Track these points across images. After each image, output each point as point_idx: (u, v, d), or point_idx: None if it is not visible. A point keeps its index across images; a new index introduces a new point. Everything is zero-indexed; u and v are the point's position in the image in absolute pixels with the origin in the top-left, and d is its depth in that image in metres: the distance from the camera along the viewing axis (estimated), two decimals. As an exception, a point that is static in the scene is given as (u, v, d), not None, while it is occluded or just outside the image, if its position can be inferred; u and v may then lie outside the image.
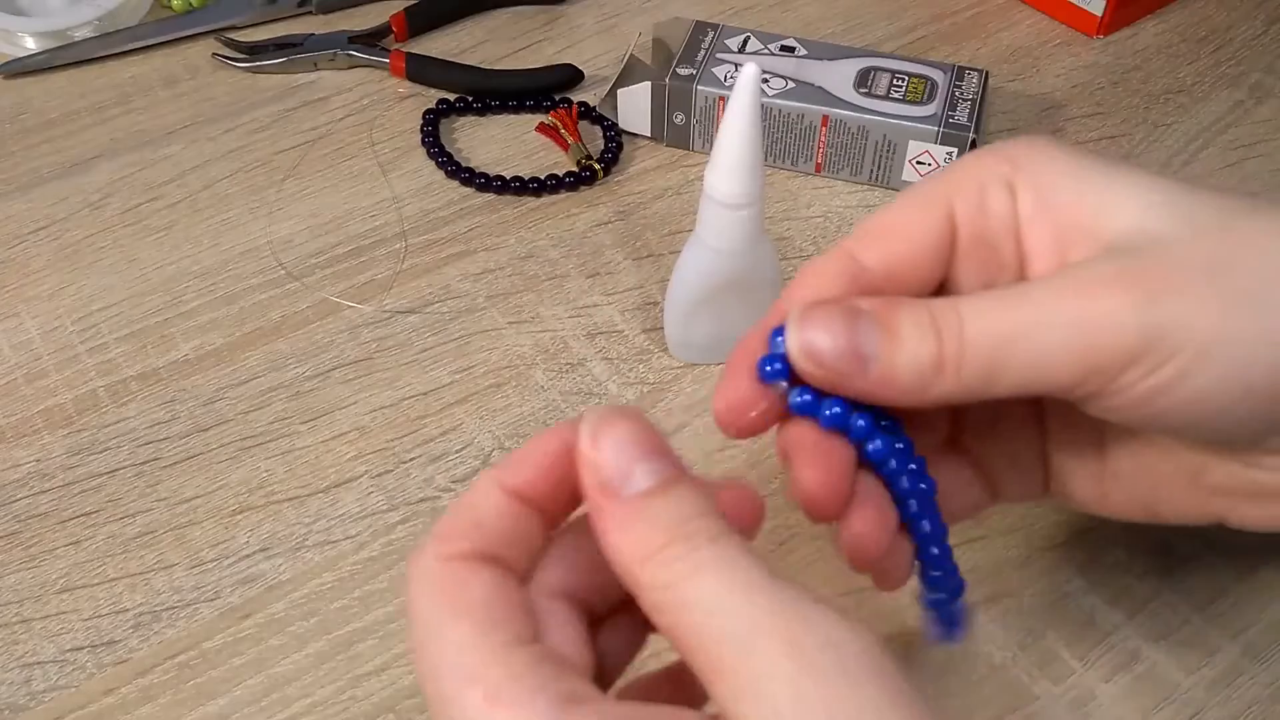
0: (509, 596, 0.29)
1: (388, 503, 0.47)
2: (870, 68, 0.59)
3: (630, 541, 0.29)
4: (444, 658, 0.28)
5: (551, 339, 0.53)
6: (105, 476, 0.48)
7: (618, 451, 0.29)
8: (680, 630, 0.28)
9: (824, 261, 0.36)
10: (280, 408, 0.50)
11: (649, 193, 0.59)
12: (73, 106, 0.63)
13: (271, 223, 0.58)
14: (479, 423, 0.50)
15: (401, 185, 0.59)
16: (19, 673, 0.43)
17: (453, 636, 0.28)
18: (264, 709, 0.42)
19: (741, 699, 0.27)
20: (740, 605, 0.27)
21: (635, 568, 0.29)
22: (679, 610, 0.28)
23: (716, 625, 0.27)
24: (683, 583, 0.28)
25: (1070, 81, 0.64)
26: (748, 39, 0.60)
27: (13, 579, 0.45)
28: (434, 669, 0.28)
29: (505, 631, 0.28)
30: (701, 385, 0.51)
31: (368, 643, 0.43)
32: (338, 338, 0.53)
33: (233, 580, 0.45)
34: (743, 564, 0.28)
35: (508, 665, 0.28)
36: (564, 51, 0.66)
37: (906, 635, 0.43)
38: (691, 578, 0.28)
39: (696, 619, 0.28)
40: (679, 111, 0.59)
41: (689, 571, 0.28)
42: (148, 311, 0.54)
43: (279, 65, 0.65)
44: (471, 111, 0.63)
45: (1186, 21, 0.68)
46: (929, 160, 0.57)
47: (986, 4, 0.69)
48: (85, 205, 0.58)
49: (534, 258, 0.56)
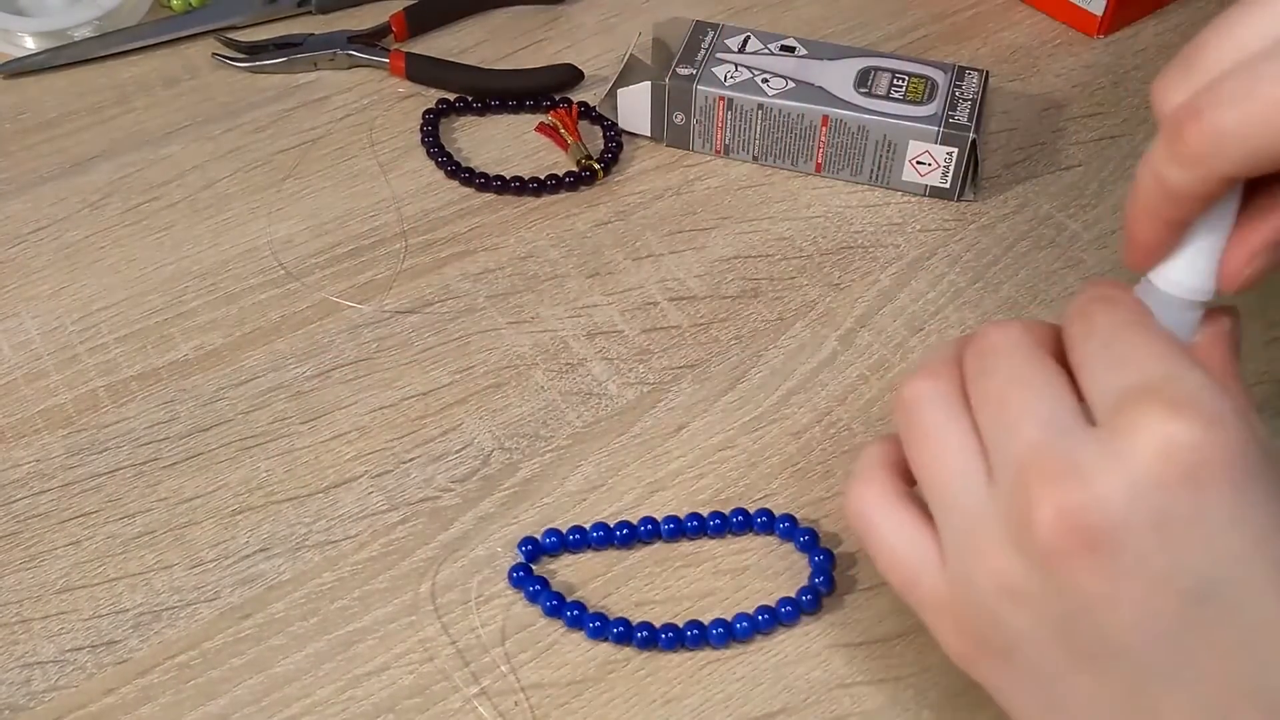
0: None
1: (388, 503, 0.47)
2: (870, 68, 0.59)
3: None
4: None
5: (551, 339, 0.53)
6: (105, 476, 0.48)
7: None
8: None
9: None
10: (280, 408, 0.50)
11: (649, 193, 0.59)
12: (73, 106, 0.63)
13: (271, 223, 0.58)
14: (479, 423, 0.50)
15: (401, 185, 0.59)
16: (19, 673, 0.43)
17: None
18: (264, 709, 0.42)
19: None
20: None
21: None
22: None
23: None
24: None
25: (1070, 81, 0.64)
26: (748, 39, 0.60)
27: (13, 579, 0.45)
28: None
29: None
30: (702, 385, 0.51)
31: (368, 643, 0.43)
32: (338, 338, 0.53)
33: (233, 580, 0.45)
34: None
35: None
36: (564, 51, 0.66)
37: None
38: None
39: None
40: (679, 111, 0.59)
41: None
42: (148, 311, 0.54)
43: (279, 65, 0.65)
44: (471, 111, 0.63)
45: (1186, 21, 0.68)
46: (929, 160, 0.57)
47: (986, 4, 0.69)
48: (85, 205, 0.58)
49: (534, 258, 0.56)
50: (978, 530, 0.33)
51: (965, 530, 0.34)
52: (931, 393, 0.35)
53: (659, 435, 0.50)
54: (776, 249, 0.56)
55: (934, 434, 0.35)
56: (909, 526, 0.36)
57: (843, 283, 0.55)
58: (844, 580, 0.45)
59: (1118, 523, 0.30)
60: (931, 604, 0.35)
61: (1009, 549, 0.32)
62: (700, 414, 0.50)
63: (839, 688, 0.42)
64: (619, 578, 0.45)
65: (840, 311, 0.54)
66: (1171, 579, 0.30)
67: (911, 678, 0.43)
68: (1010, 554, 0.32)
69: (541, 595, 0.44)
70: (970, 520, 0.33)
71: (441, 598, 0.45)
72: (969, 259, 0.56)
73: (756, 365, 0.52)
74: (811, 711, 0.42)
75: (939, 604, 0.35)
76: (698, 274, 0.55)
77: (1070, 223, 0.57)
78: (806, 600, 0.44)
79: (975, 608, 0.34)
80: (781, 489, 0.48)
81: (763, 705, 0.42)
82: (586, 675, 0.43)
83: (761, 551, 0.46)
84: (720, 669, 0.43)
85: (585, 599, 0.45)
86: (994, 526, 0.33)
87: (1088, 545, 0.31)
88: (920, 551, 0.35)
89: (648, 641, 0.43)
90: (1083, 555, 0.31)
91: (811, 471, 0.48)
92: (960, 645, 0.35)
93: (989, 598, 0.33)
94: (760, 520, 0.46)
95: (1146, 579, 0.31)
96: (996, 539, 0.33)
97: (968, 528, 0.33)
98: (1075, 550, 0.31)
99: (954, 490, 0.34)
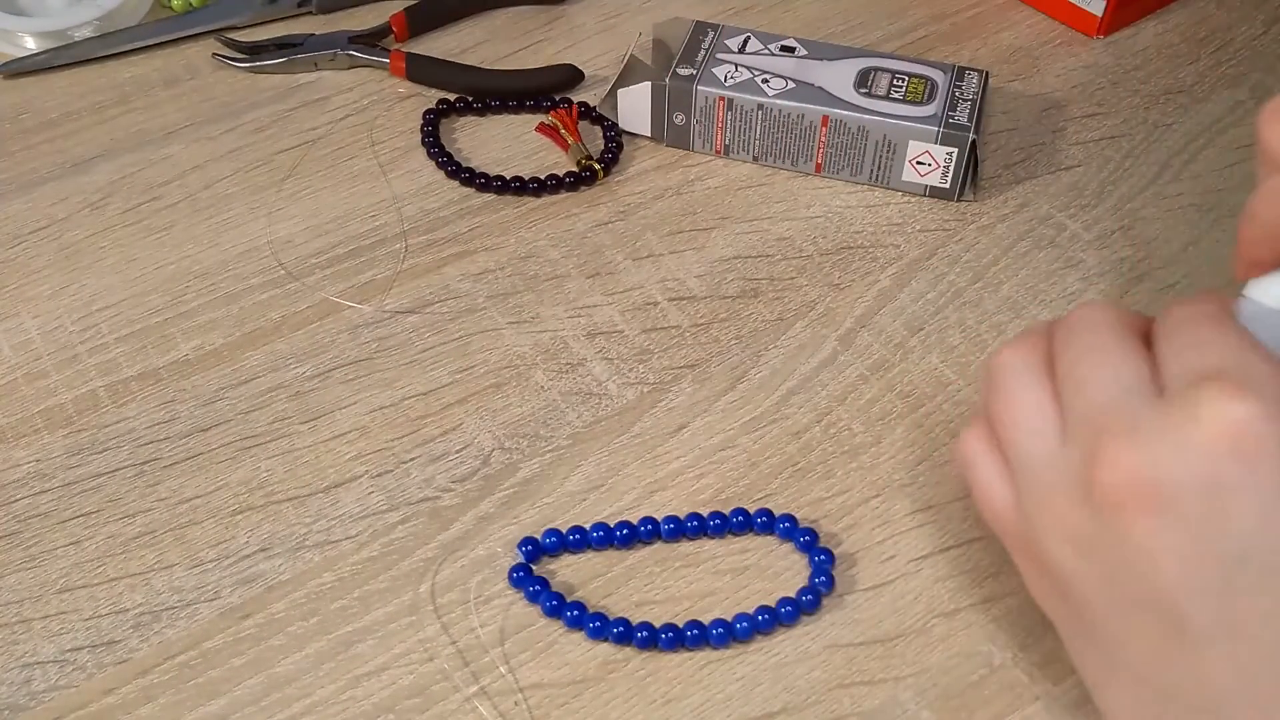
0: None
1: (388, 503, 0.47)
2: (870, 68, 0.59)
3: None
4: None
5: (551, 339, 0.53)
6: (105, 476, 0.48)
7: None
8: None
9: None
10: (280, 408, 0.50)
11: (649, 193, 0.59)
12: (73, 106, 0.63)
13: (271, 223, 0.58)
14: (479, 423, 0.50)
15: (401, 185, 0.59)
16: (19, 673, 0.43)
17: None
18: (264, 709, 0.42)
19: None
20: None
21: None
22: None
23: None
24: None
25: (1070, 81, 0.64)
26: (748, 39, 0.60)
27: (13, 579, 0.45)
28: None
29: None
30: (702, 385, 0.51)
31: (368, 643, 0.43)
32: (338, 338, 0.53)
33: (233, 580, 0.45)
34: None
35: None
36: (564, 51, 0.66)
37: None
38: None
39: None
40: (679, 111, 0.59)
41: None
42: (148, 311, 0.54)
43: (279, 65, 0.65)
44: (471, 111, 0.63)
45: (1186, 21, 0.68)
46: (929, 160, 0.57)
47: (986, 4, 0.69)
48: (85, 205, 0.58)
49: (534, 258, 0.56)
50: (1046, 481, 0.37)
51: (1035, 480, 0.37)
52: (1017, 361, 0.39)
53: (659, 435, 0.50)
54: (776, 249, 0.57)
55: (1015, 396, 0.38)
56: (997, 470, 0.39)
57: (843, 283, 0.55)
58: (844, 580, 0.45)
59: (1171, 483, 0.33)
60: (1011, 537, 0.39)
61: (1073, 500, 0.36)
62: (700, 414, 0.50)
63: (839, 688, 0.42)
64: (619, 578, 0.45)
65: (840, 311, 0.54)
66: (1215, 541, 0.33)
67: (911, 678, 0.43)
68: (1074, 504, 0.36)
69: (541, 595, 0.44)
70: (1040, 472, 0.37)
71: (441, 598, 0.45)
72: (969, 259, 0.56)
73: (756, 365, 0.52)
74: (811, 711, 0.42)
75: (1016, 539, 0.39)
76: (698, 274, 0.55)
77: (1070, 223, 0.57)
78: (806, 600, 0.44)
79: (1040, 547, 0.37)
80: (781, 489, 0.48)
81: (763, 705, 0.42)
82: (586, 675, 0.43)
83: (761, 551, 0.46)
84: (720, 669, 0.43)
85: (585, 599, 0.45)
86: (1062, 479, 0.36)
87: (1143, 501, 0.34)
88: (1005, 492, 0.39)
89: (648, 641, 0.43)
90: (1137, 510, 0.34)
91: (811, 471, 0.48)
92: (1029, 577, 0.40)
93: (1051, 541, 0.37)
94: (760, 520, 0.46)
95: (1192, 539, 0.33)
96: (1063, 490, 0.36)
97: (1038, 478, 0.37)
98: (1131, 504, 0.34)
99: (1027, 445, 0.37)
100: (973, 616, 0.44)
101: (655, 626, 0.43)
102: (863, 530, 0.47)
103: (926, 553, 0.46)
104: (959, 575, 0.45)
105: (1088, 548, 0.36)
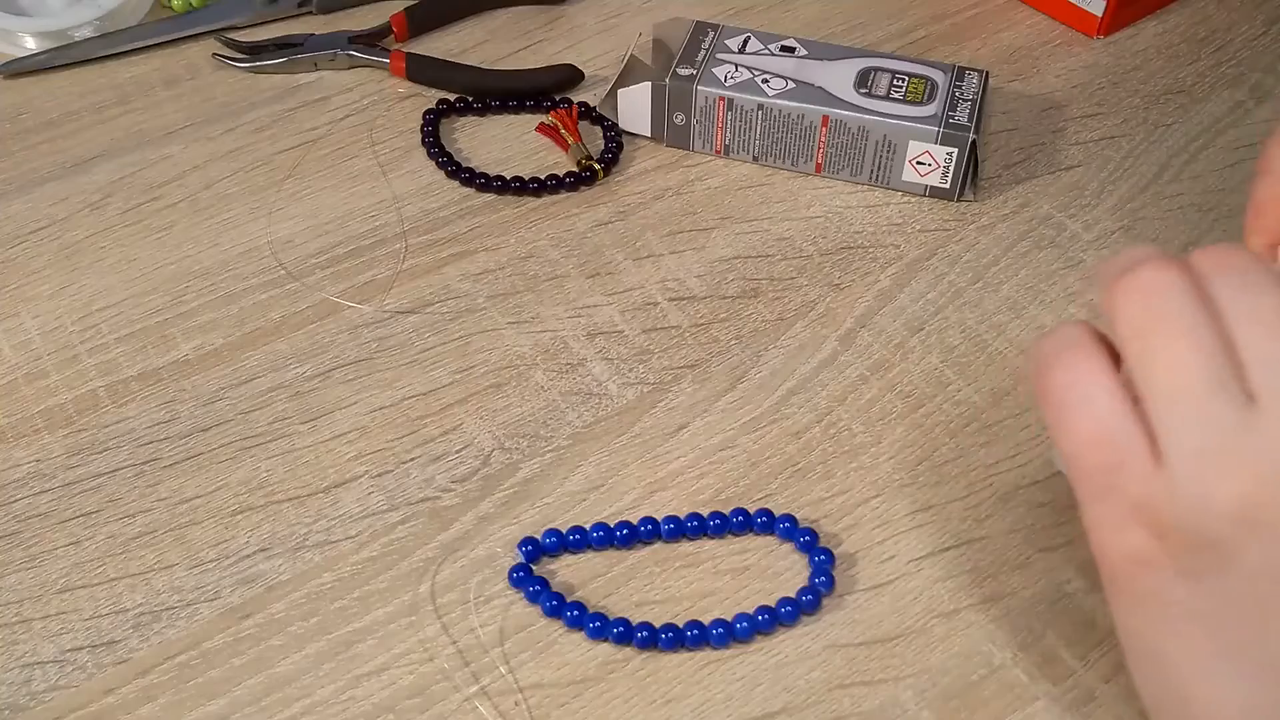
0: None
1: (388, 503, 0.47)
2: (870, 68, 0.59)
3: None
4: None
5: (551, 339, 0.53)
6: (105, 476, 0.48)
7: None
8: None
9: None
10: (280, 408, 0.50)
11: (649, 193, 0.59)
12: (73, 106, 0.63)
13: (271, 223, 0.58)
14: (479, 423, 0.50)
15: (401, 185, 0.59)
16: (19, 673, 0.43)
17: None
18: (264, 709, 0.42)
19: None
20: None
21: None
22: None
23: None
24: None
25: (1070, 81, 0.64)
26: (748, 39, 0.60)
27: (13, 579, 0.45)
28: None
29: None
30: (701, 385, 0.51)
31: (367, 643, 0.43)
32: (338, 338, 0.53)
33: (233, 580, 0.45)
34: None
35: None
36: (564, 51, 0.66)
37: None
38: None
39: None
40: (679, 111, 0.59)
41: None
42: (148, 311, 0.54)
43: (279, 65, 0.65)
44: (471, 111, 0.63)
45: (1186, 22, 0.68)
46: (929, 160, 0.57)
47: (986, 4, 0.69)
48: (85, 205, 0.58)
49: (534, 258, 0.56)
50: (1226, 448, 0.32)
51: (1206, 442, 0.32)
52: (1181, 284, 0.33)
53: (659, 435, 0.50)
54: (776, 249, 0.57)
55: (1184, 330, 0.32)
56: (1122, 411, 0.33)
57: (843, 283, 0.55)
58: (844, 580, 0.45)
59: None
60: (1129, 495, 0.33)
61: (1265, 478, 0.31)
62: (700, 414, 0.50)
63: (839, 688, 0.42)
64: (619, 578, 0.45)
65: (840, 312, 0.54)
66: None
67: (911, 678, 0.43)
68: (1264, 483, 0.31)
69: (541, 595, 0.44)
70: (1216, 434, 0.32)
71: (441, 598, 0.45)
72: (969, 259, 0.56)
73: (756, 365, 0.52)
74: (811, 711, 0.42)
75: (1138, 499, 0.33)
76: (698, 274, 0.55)
77: (1070, 223, 0.57)
78: (806, 600, 0.44)
79: (1194, 521, 0.32)
80: (781, 489, 0.48)
81: (763, 705, 0.42)
82: (586, 675, 0.43)
83: (761, 551, 0.46)
84: (720, 669, 0.43)
85: (585, 599, 0.45)
86: (1251, 451, 0.31)
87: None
88: (1129, 440, 0.33)
89: (648, 642, 0.43)
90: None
91: (811, 471, 0.48)
92: (1140, 546, 0.33)
93: (1221, 519, 0.32)
94: (760, 520, 0.46)
95: None
96: (1250, 464, 0.31)
97: (1211, 442, 0.32)
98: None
99: (1199, 396, 0.32)
100: (973, 616, 0.44)
101: (655, 626, 0.43)
102: (863, 530, 0.47)
103: (926, 553, 0.46)
104: (959, 575, 0.45)
105: (1271, 534, 0.31)
